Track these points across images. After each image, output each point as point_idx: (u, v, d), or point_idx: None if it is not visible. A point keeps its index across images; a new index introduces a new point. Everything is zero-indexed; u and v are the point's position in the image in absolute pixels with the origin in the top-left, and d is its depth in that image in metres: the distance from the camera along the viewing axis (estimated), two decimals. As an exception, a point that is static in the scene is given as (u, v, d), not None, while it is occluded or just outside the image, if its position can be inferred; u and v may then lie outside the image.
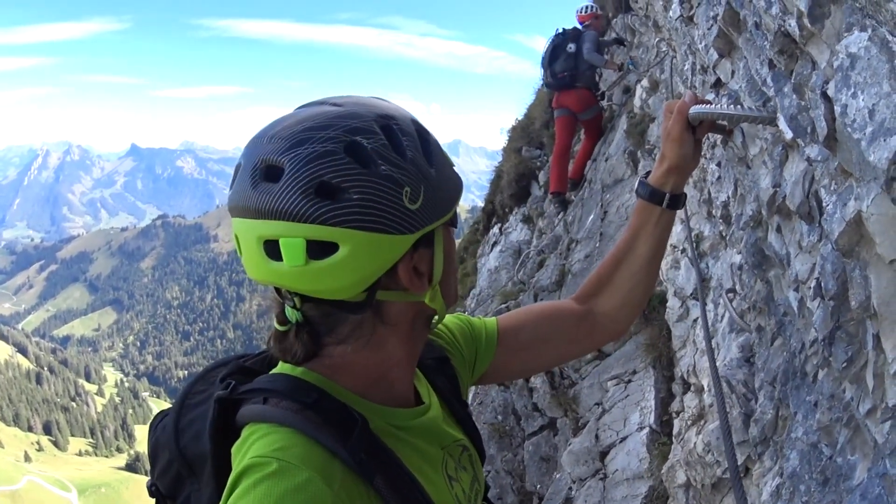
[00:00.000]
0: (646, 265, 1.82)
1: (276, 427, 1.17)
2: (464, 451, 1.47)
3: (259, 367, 1.41)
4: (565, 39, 9.69)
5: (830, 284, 1.80)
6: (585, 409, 6.04)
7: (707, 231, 4.34)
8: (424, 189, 1.19)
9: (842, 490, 1.84)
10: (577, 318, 1.80)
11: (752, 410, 2.91)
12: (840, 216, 1.65)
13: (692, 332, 4.76)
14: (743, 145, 2.72)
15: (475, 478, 1.49)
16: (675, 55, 4.84)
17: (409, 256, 1.22)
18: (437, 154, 1.24)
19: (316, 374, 1.29)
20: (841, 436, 1.92)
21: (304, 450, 1.13)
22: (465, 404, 1.58)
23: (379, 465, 1.19)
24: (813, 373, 2.18)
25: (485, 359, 1.70)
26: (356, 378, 1.30)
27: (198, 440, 1.29)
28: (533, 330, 1.75)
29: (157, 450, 1.38)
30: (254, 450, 1.14)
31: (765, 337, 2.89)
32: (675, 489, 4.01)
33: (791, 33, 1.82)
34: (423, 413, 1.40)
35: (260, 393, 1.25)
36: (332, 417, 1.20)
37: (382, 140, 1.17)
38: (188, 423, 1.34)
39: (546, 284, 8.25)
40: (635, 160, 8.05)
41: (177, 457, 1.31)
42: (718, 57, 2.88)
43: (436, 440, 1.40)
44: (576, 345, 1.84)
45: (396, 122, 1.22)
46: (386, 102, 1.28)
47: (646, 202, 1.80)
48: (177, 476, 1.34)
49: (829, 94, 1.56)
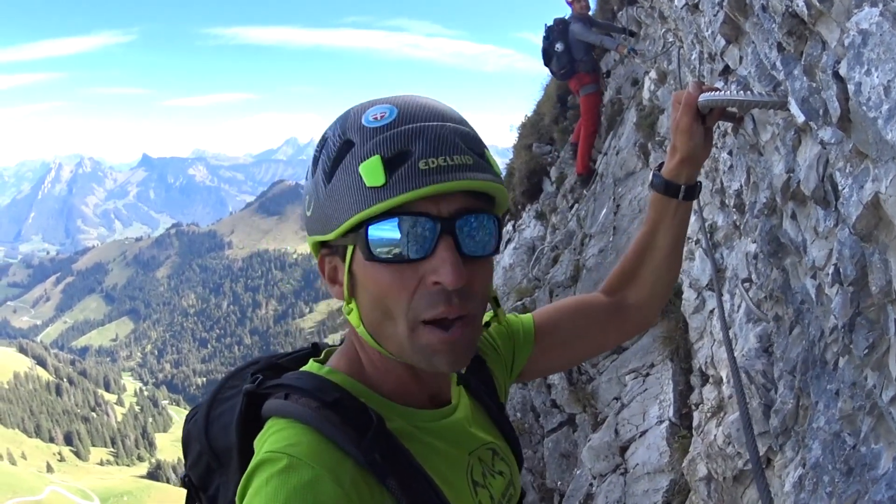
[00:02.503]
0: (668, 256, 1.83)
1: (293, 423, 1.19)
2: (495, 455, 1.45)
3: (290, 365, 1.44)
4: (551, 42, 9.69)
5: (849, 270, 1.77)
6: (604, 404, 6.03)
7: (721, 221, 4.30)
8: (314, 202, 1.23)
9: (867, 480, 1.82)
10: (608, 311, 1.82)
11: (772, 401, 2.88)
12: (857, 199, 1.61)
13: (709, 323, 4.73)
14: (754, 132, 2.68)
15: (510, 483, 1.47)
16: (682, 45, 4.81)
17: (323, 257, 1.30)
18: (340, 175, 1.17)
19: (342, 374, 1.31)
20: (864, 424, 1.89)
21: (317, 447, 1.14)
22: (501, 406, 1.57)
23: (393, 467, 1.18)
24: (833, 361, 2.15)
25: (522, 356, 1.70)
26: (379, 379, 1.32)
27: (225, 432, 1.32)
28: (569, 325, 1.76)
29: (189, 441, 1.42)
30: (269, 444, 1.16)
31: (783, 326, 2.86)
32: (697, 482, 3.99)
33: (799, 13, 1.79)
34: (448, 415, 1.39)
35: (283, 389, 1.27)
36: (350, 417, 1.19)
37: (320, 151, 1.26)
38: (218, 415, 1.37)
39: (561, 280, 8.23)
40: (646, 152, 8.02)
41: (206, 448, 1.35)
42: (726, 43, 2.85)
43: (461, 443, 1.38)
44: (608, 337, 1.85)
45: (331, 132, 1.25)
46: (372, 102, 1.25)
47: (661, 195, 1.80)
48: (206, 468, 1.37)
49: (841, 73, 1.53)
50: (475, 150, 1.20)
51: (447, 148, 1.15)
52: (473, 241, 1.19)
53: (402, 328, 1.19)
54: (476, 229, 1.19)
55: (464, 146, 1.18)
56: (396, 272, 1.17)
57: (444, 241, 1.15)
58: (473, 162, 1.18)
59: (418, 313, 1.17)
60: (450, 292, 1.16)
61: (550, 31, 9.76)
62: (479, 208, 1.20)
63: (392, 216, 1.14)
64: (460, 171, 1.15)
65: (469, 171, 1.16)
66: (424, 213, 1.14)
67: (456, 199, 1.17)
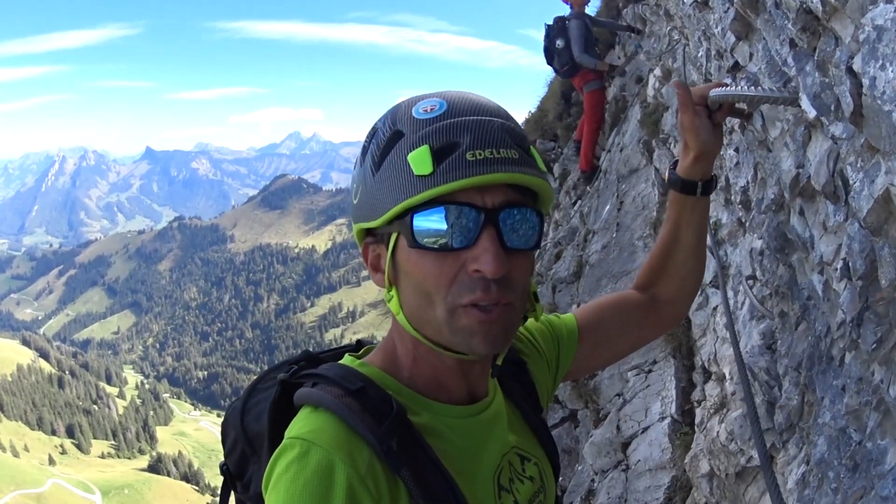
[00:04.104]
0: (694, 251, 1.85)
1: (318, 410, 1.23)
2: (525, 461, 1.45)
3: (330, 359, 1.46)
4: (552, 39, 9.69)
5: (859, 264, 1.78)
6: (606, 401, 6.03)
7: (725, 218, 4.31)
8: (361, 190, 1.27)
9: (873, 476, 1.83)
10: (643, 307, 1.84)
11: (775, 398, 2.89)
12: (868, 193, 1.62)
13: (712, 320, 4.73)
14: (763, 128, 2.69)
15: (541, 489, 1.46)
16: (688, 43, 4.81)
17: (367, 245, 1.33)
18: (389, 164, 1.21)
19: (374, 367, 1.34)
20: (871, 420, 1.90)
21: (337, 434, 1.17)
22: (539, 409, 1.57)
23: (409, 458, 1.20)
24: (840, 356, 2.16)
25: (568, 356, 1.71)
26: (414, 373, 1.34)
27: (259, 420, 1.37)
28: (611, 323, 1.79)
29: (227, 429, 1.46)
30: (294, 429, 1.21)
31: (788, 322, 2.87)
32: (699, 479, 4.00)
33: (813, 10, 1.80)
34: (481, 411, 1.39)
35: (314, 378, 1.31)
36: (371, 405, 1.22)
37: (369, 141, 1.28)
38: (254, 404, 1.41)
39: (564, 276, 8.23)
40: (650, 150, 8.02)
41: (240, 435, 1.39)
42: (736, 40, 2.85)
43: (491, 444, 1.38)
44: (645, 332, 1.89)
45: (381, 123, 1.27)
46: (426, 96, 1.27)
47: (679, 193, 1.81)
48: (241, 455, 1.42)
49: (854, 68, 1.54)
50: (521, 145, 1.23)
51: (494, 141, 1.18)
52: (516, 234, 1.21)
53: (441, 311, 1.21)
54: (519, 222, 1.22)
55: (510, 141, 1.21)
56: (438, 259, 1.20)
57: (487, 232, 1.18)
58: (519, 156, 1.20)
59: (457, 298, 1.20)
60: (489, 281, 1.18)
61: (550, 28, 9.77)
62: (523, 202, 1.22)
63: (438, 205, 1.17)
64: (506, 165, 1.17)
65: (514, 165, 1.19)
66: (469, 204, 1.17)
67: (500, 191, 1.19)
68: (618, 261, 7.48)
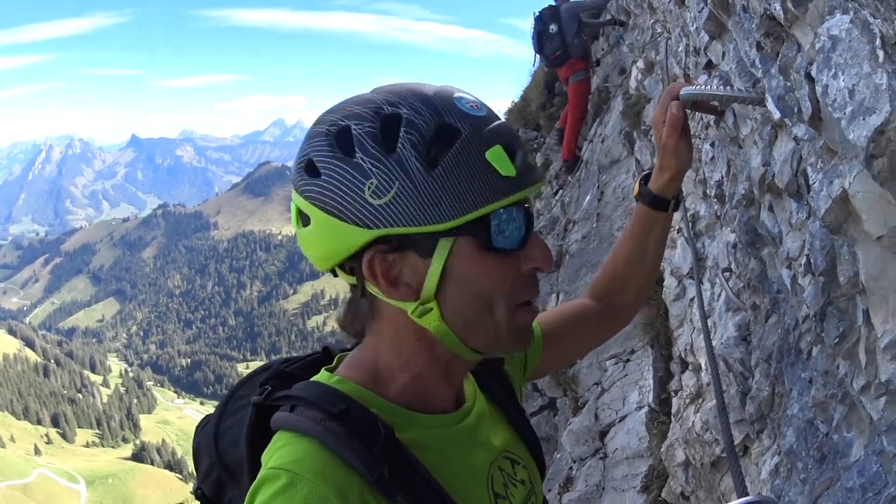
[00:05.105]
0: (656, 259, 1.90)
1: (298, 437, 1.14)
2: (515, 464, 1.41)
3: (299, 374, 1.37)
4: (545, 23, 9.73)
5: (819, 261, 1.82)
6: (584, 389, 6.07)
7: (703, 211, 4.35)
8: (399, 187, 1.11)
9: (839, 467, 1.86)
10: (601, 314, 1.88)
11: (749, 388, 2.92)
12: (826, 193, 1.67)
13: (689, 311, 4.78)
14: (734, 125, 2.73)
15: (532, 491, 1.43)
16: (670, 37, 4.84)
17: (373, 253, 1.17)
18: (457, 162, 1.11)
19: (352, 383, 1.25)
20: (836, 412, 1.94)
21: (322, 463, 1.10)
22: (521, 410, 1.56)
23: (403, 482, 1.13)
24: (807, 349, 2.20)
25: (534, 360, 1.72)
26: (398, 386, 1.27)
27: (235, 445, 1.29)
28: (570, 331, 1.81)
29: (199, 454, 1.39)
30: (274, 459, 1.13)
31: (760, 315, 2.91)
32: (675, 468, 4.03)
33: (776, 16, 1.84)
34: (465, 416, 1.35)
35: (291, 400, 1.22)
36: (356, 429, 1.14)
37: (370, 128, 1.13)
38: (227, 427, 1.34)
39: (545, 266, 8.26)
40: (631, 141, 8.05)
41: (216, 462, 1.32)
42: (709, 39, 2.89)
43: (480, 451, 1.34)
44: (602, 336, 1.95)
45: (412, 113, 1.13)
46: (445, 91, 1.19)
47: (649, 209, 1.83)
48: (218, 480, 1.34)
49: (812, 74, 1.58)
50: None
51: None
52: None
53: (503, 314, 1.20)
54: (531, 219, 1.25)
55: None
56: (503, 261, 1.19)
57: (532, 231, 1.21)
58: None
59: (517, 298, 1.22)
60: (535, 277, 1.24)
61: (542, 14, 9.80)
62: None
63: (517, 206, 1.17)
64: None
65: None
66: (524, 205, 1.19)
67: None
68: (597, 251, 7.53)
